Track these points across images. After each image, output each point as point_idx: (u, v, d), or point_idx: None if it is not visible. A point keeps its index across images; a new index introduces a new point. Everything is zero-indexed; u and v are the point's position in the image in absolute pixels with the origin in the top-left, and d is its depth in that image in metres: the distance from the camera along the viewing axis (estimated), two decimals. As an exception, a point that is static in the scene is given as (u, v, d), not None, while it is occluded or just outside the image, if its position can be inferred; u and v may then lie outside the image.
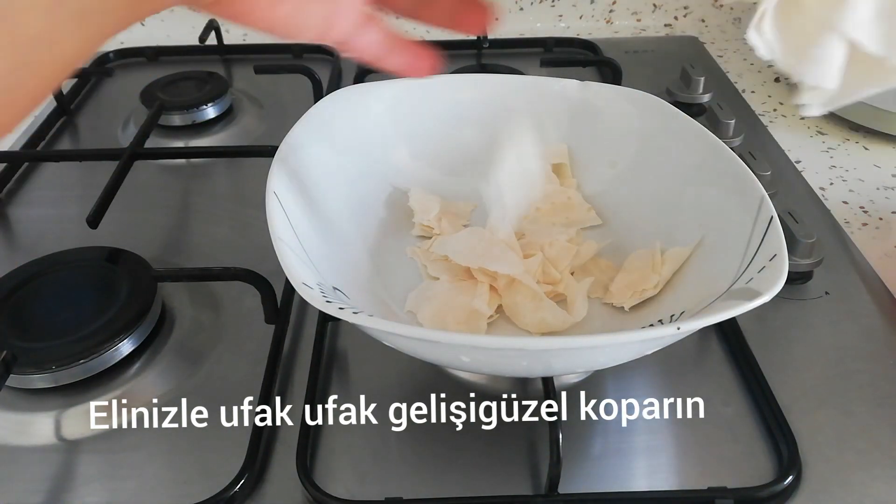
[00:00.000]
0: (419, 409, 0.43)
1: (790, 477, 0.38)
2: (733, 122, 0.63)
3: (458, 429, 0.41)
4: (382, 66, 0.35)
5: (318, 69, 0.72)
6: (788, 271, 0.35)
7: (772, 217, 0.39)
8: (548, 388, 0.39)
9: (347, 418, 0.42)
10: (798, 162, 0.64)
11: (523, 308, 0.44)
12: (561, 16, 0.90)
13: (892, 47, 0.26)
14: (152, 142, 0.66)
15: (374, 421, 0.42)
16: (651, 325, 0.42)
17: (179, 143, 0.69)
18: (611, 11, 0.90)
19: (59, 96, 0.72)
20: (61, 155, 0.65)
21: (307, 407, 0.41)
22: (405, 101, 0.52)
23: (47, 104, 0.74)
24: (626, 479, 0.39)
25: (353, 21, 0.32)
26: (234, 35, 0.88)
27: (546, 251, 0.47)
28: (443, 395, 0.43)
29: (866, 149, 0.66)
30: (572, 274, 0.47)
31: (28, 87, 0.23)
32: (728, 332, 0.46)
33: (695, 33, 0.88)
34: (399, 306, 0.45)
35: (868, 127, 0.67)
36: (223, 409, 0.43)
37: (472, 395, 0.43)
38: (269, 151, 0.46)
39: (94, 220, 0.51)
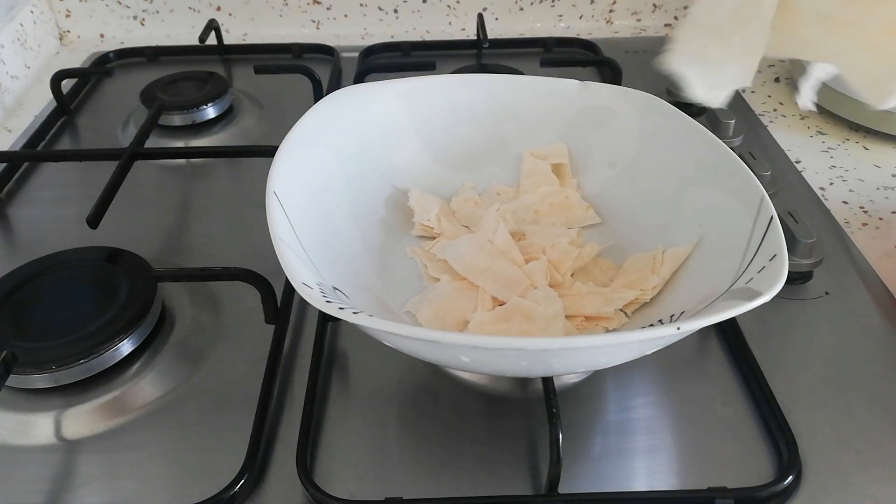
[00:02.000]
0: (419, 409, 0.43)
1: (790, 477, 0.38)
2: (733, 122, 0.63)
3: (458, 429, 0.41)
4: None
5: (318, 69, 0.72)
6: (788, 271, 0.35)
7: (772, 217, 0.39)
8: (548, 388, 0.39)
9: (347, 418, 0.42)
10: (798, 162, 0.64)
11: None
12: (561, 16, 0.90)
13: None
14: (152, 142, 0.66)
15: (374, 421, 0.42)
16: (651, 325, 0.42)
17: (179, 143, 0.69)
18: (611, 11, 0.90)
19: (59, 96, 0.72)
20: (61, 155, 0.65)
21: (307, 407, 0.41)
22: (405, 101, 0.52)
23: (47, 104, 0.74)
24: (626, 479, 0.39)
25: None
26: (234, 35, 0.89)
27: (548, 253, 0.47)
28: (443, 396, 0.43)
29: (866, 149, 0.66)
30: (572, 275, 0.47)
31: None
32: (728, 332, 0.46)
33: (695, 33, 0.88)
34: (399, 306, 0.45)
35: (868, 127, 0.67)
36: (223, 409, 0.43)
37: (473, 395, 0.43)
38: (269, 151, 0.46)
39: (94, 220, 0.51)
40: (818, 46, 0.27)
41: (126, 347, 0.44)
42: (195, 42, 0.80)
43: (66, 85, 0.75)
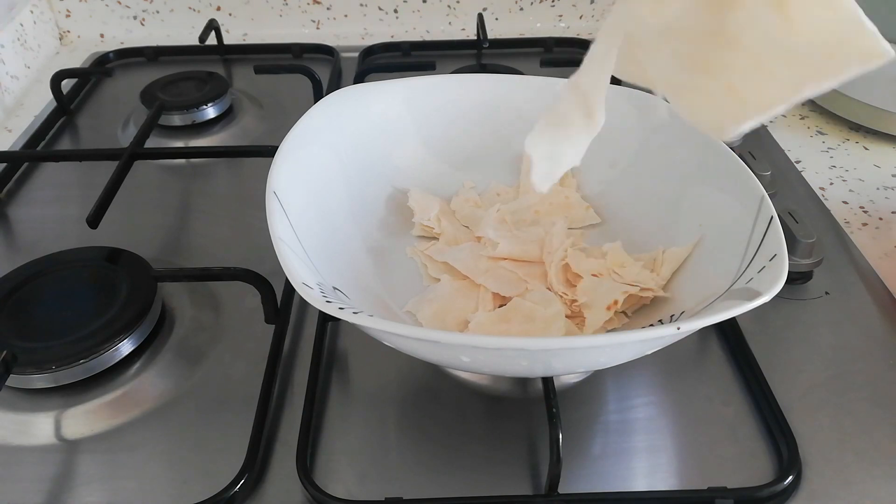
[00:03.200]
0: (419, 409, 0.43)
1: (790, 477, 0.38)
2: (733, 122, 0.63)
3: (458, 429, 0.41)
4: None
5: (318, 69, 0.72)
6: (788, 271, 0.35)
7: (772, 217, 0.39)
8: (548, 388, 0.39)
9: (347, 418, 0.42)
10: (798, 162, 0.64)
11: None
12: (561, 16, 0.90)
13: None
14: (152, 142, 0.66)
15: (374, 421, 0.42)
16: (651, 325, 0.42)
17: (179, 143, 0.69)
18: (611, 11, 0.90)
19: (59, 96, 0.72)
20: (61, 155, 0.65)
21: (307, 407, 0.41)
22: (405, 100, 0.52)
23: (47, 104, 0.74)
24: (626, 479, 0.39)
25: None
26: (234, 35, 0.89)
27: (556, 260, 0.47)
28: (443, 396, 0.43)
29: (866, 149, 0.66)
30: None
31: None
32: (728, 332, 0.46)
33: (695, 33, 0.88)
34: (399, 306, 0.45)
35: (868, 127, 0.67)
36: (223, 409, 0.43)
37: (473, 395, 0.43)
38: (269, 151, 0.46)
39: (94, 220, 0.51)
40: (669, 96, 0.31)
41: (126, 347, 0.44)
42: (195, 42, 0.80)
43: (66, 85, 0.75)
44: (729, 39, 0.27)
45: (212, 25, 0.81)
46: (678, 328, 0.33)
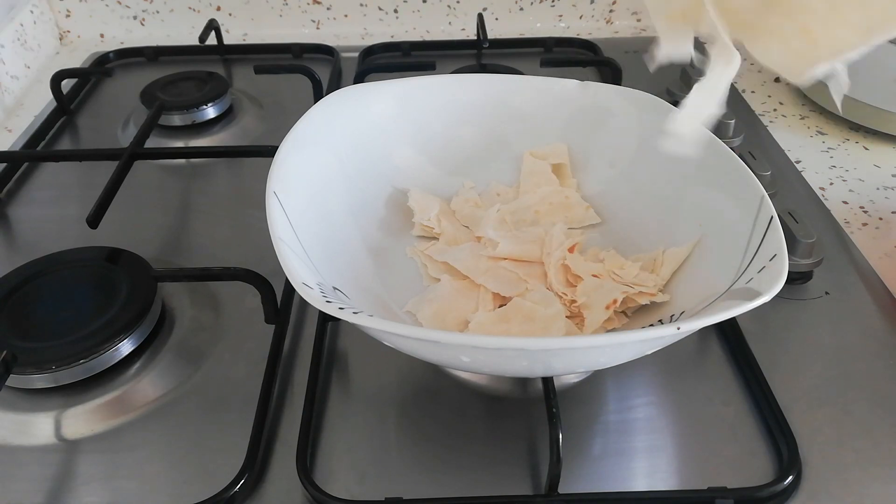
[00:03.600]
0: (419, 408, 0.43)
1: (790, 477, 0.38)
2: (733, 122, 0.63)
3: (458, 429, 0.41)
4: None
5: (318, 69, 0.72)
6: (788, 271, 0.35)
7: (772, 217, 0.39)
8: (548, 388, 0.39)
9: (347, 418, 0.42)
10: (798, 162, 0.64)
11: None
12: (561, 16, 0.90)
13: None
14: (152, 142, 0.66)
15: (374, 421, 0.42)
16: (651, 325, 0.42)
17: (179, 143, 0.69)
18: (611, 11, 0.90)
19: (59, 96, 0.72)
20: (61, 155, 0.65)
21: (307, 407, 0.41)
22: (405, 100, 0.52)
23: (47, 104, 0.74)
24: (626, 479, 0.39)
25: None
26: (234, 35, 0.89)
27: (555, 261, 0.47)
28: (443, 396, 0.43)
29: (866, 149, 0.66)
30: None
31: None
32: (728, 332, 0.46)
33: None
34: (399, 306, 0.45)
35: (868, 127, 0.67)
36: (223, 409, 0.43)
37: (473, 395, 0.43)
38: (269, 151, 0.46)
39: (94, 220, 0.51)
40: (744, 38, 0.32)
41: (126, 347, 0.44)
42: (195, 42, 0.80)
43: (66, 85, 0.75)
44: None
45: (212, 25, 0.81)
46: (678, 328, 0.33)
